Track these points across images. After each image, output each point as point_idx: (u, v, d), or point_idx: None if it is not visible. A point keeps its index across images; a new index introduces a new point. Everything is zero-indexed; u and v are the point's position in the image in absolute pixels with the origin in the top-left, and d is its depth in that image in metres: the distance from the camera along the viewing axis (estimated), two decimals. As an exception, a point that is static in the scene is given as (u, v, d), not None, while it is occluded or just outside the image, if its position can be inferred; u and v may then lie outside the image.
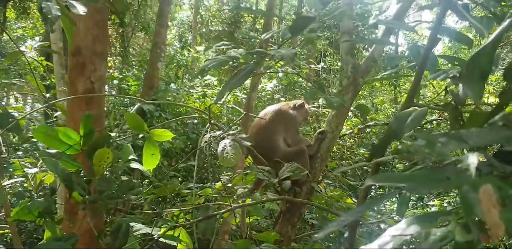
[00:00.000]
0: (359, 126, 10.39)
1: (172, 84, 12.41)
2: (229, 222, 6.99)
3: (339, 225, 1.36)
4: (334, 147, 11.35)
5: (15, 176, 3.58)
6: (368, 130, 13.13)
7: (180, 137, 10.31)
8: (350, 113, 12.43)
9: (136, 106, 3.22)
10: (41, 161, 3.39)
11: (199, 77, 14.61)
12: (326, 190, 4.54)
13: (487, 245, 0.96)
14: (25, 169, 3.25)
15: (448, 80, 2.00)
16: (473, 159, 1.01)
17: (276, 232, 4.14)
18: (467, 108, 1.89)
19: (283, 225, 4.26)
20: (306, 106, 4.94)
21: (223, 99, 3.11)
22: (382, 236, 1.03)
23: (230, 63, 2.41)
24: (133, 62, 16.37)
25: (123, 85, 11.89)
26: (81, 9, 2.85)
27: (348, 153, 13.08)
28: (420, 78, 1.96)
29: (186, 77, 15.51)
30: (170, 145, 10.02)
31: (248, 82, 11.48)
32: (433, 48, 1.96)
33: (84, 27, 3.42)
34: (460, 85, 1.64)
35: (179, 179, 10.45)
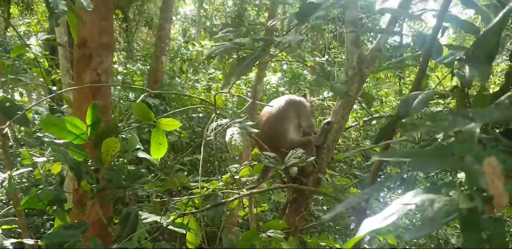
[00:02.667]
0: (364, 118, 10.41)
1: (177, 78, 12.44)
2: (236, 214, 7.01)
3: (346, 206, 1.38)
4: (340, 139, 11.39)
5: (20, 167, 3.61)
6: (373, 122, 13.16)
7: (185, 130, 10.34)
8: (355, 105, 12.47)
9: (141, 96, 3.24)
10: (48, 150, 3.41)
11: (204, 70, 14.64)
12: (333, 179, 4.55)
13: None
14: (33, 158, 3.29)
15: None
16: (475, 128, 1.03)
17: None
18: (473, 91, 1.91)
19: (290, 215, 4.29)
20: (309, 97, 4.99)
21: (228, 89, 3.14)
22: (388, 207, 1.06)
23: (235, 56, 2.43)
24: (138, 57, 16.39)
25: (127, 80, 11.93)
26: (87, 5, 2.88)
27: (354, 145, 13.12)
28: (426, 65, 1.97)
29: (191, 71, 15.52)
30: (175, 138, 10.05)
31: (253, 75, 11.51)
32: (438, 36, 1.97)
33: (91, 19, 3.45)
34: (467, 67, 1.66)
35: (185, 172, 10.51)
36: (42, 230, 9.33)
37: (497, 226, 0.96)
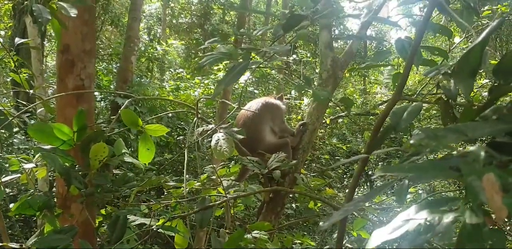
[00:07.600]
0: (331, 117, 10.55)
1: (144, 78, 12.41)
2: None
3: (344, 214, 1.47)
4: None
5: (10, 173, 3.64)
6: (340, 120, 13.35)
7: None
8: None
9: (126, 102, 3.29)
10: (36, 156, 3.43)
11: (171, 70, 14.61)
12: (308, 179, 4.65)
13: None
14: (22, 165, 3.31)
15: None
16: (480, 151, 1.14)
17: (260, 221, 4.25)
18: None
19: (267, 215, 4.37)
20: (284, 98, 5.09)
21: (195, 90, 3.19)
22: (394, 220, 1.15)
23: (201, 55, 2.51)
24: (102, 56, 16.26)
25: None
26: (71, 11, 2.92)
27: (320, 143, 13.26)
28: (409, 72, 2.07)
29: (157, 70, 15.46)
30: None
31: (221, 74, 11.55)
32: (420, 43, 2.08)
33: (73, 25, 3.48)
34: (452, 81, 1.77)
35: (153, 172, 10.51)
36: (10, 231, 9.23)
37: (497, 237, 1.06)
